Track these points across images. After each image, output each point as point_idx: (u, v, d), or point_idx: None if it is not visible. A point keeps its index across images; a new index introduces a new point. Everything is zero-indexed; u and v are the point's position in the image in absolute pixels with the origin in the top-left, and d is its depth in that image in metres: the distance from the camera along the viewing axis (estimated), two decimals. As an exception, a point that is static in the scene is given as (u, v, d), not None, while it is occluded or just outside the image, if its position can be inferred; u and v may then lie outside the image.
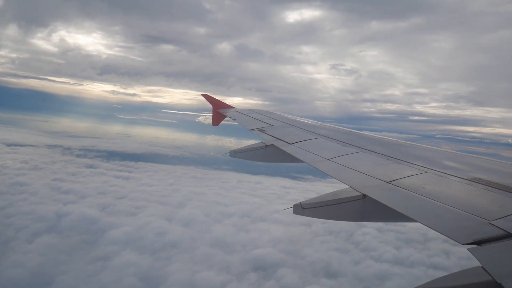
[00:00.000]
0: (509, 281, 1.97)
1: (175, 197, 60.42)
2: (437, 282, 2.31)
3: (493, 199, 3.13)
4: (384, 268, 40.83)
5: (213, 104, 11.37)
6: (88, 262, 33.24)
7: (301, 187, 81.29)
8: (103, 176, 72.60)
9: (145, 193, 60.96)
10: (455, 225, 2.76)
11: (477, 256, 2.27)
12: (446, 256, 47.06)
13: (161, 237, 41.25)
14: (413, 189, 3.52)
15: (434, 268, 42.39)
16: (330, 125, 7.86)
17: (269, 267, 37.18)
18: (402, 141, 6.07)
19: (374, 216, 3.76)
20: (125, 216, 47.42)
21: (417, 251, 47.62)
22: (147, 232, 42.05)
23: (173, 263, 34.96)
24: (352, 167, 4.51)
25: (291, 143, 6.09)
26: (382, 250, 46.47)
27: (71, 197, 53.24)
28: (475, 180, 3.64)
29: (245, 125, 8.36)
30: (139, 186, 66.61)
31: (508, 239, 2.40)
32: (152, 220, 46.10)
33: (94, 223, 43.11)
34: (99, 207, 49.74)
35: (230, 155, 6.53)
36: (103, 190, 60.36)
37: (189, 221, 48.21)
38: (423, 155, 5.10)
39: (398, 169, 4.26)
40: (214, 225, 48.16)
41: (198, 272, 33.32)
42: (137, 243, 38.75)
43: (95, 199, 53.80)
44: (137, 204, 54.02)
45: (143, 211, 50.39)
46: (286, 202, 73.05)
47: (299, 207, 3.84)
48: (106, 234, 40.55)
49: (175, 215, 50.33)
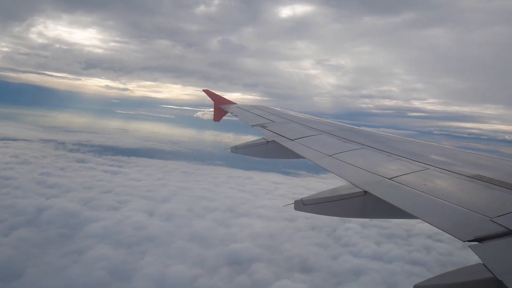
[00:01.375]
0: (510, 278, 1.96)
1: (161, 192, 60.54)
2: (437, 279, 2.31)
3: (495, 196, 3.13)
4: (361, 263, 40.89)
5: (215, 99, 11.40)
6: (60, 256, 33.46)
7: (291, 183, 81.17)
8: (92, 171, 72.74)
9: (131, 188, 61.06)
10: (456, 222, 2.76)
11: (478, 253, 2.26)
12: (427, 252, 47.11)
13: (139, 231, 41.42)
14: (414, 186, 3.54)
15: (412, 264, 42.50)
16: (331, 121, 7.93)
17: (244, 262, 37.31)
18: (403, 138, 6.09)
19: (375, 212, 3.76)
20: (107, 211, 47.58)
21: (398, 246, 47.66)
22: (126, 226, 42.22)
23: (147, 257, 35.15)
24: (353, 164, 4.53)
25: (292, 139, 6.14)
26: (362, 245, 46.55)
27: (55, 191, 53.42)
28: (477, 177, 3.63)
29: (246, 121, 8.43)
30: (126, 181, 66.76)
31: (509, 236, 2.39)
32: (132, 215, 46.26)
33: (74, 217, 43.30)
34: (82, 201, 49.91)
35: (231, 151, 6.57)
36: (89, 184, 60.52)
37: (170, 216, 48.35)
38: (424, 151, 5.09)
39: (399, 166, 4.28)
40: (195, 219, 48.27)
41: (170, 266, 33.51)
42: (113, 237, 38.92)
43: (79, 194, 53.99)
44: (121, 198, 54.19)
45: (125, 206, 50.56)
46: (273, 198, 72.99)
47: (300, 203, 3.83)
48: (84, 228, 40.75)
49: (158, 209, 50.47)
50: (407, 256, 44.59)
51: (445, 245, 51.03)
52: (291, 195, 70.95)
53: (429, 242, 50.99)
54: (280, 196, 69.31)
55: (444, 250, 48.47)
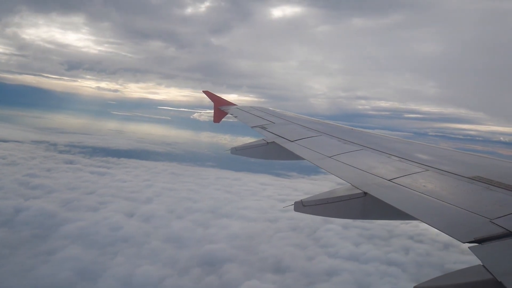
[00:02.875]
0: (510, 279, 1.96)
1: (145, 193, 60.64)
2: (437, 281, 2.30)
3: (494, 198, 3.14)
4: (336, 264, 40.85)
5: (214, 101, 11.38)
6: (30, 257, 33.55)
7: (279, 184, 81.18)
8: (78, 172, 72.81)
9: (115, 189, 61.15)
10: (456, 223, 2.77)
11: (478, 254, 2.26)
12: (405, 253, 47.04)
13: (115, 232, 41.47)
14: (414, 187, 3.55)
15: (388, 264, 42.44)
16: (331, 122, 7.97)
17: (217, 263, 37.33)
18: (403, 139, 6.12)
19: (375, 214, 3.78)
20: (86, 211, 47.64)
21: (376, 247, 47.61)
22: (102, 227, 42.28)
23: (118, 258, 35.21)
24: (353, 165, 4.54)
25: (292, 140, 6.14)
26: (340, 246, 46.49)
27: (37, 193, 53.53)
28: (476, 178, 3.64)
29: (246, 122, 8.44)
30: (112, 182, 66.86)
31: (509, 238, 2.39)
32: (111, 216, 46.30)
33: (50, 218, 43.37)
34: (62, 203, 49.97)
35: (231, 152, 6.60)
36: (73, 185, 60.59)
37: (150, 217, 48.42)
38: (424, 153, 5.10)
39: (399, 167, 4.29)
40: (174, 220, 48.31)
41: (139, 266, 33.57)
42: (88, 238, 39.00)
43: (61, 195, 54.05)
44: (103, 199, 54.23)
45: (106, 207, 50.61)
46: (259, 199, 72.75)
47: (300, 204, 3.83)
48: (59, 229, 40.82)
49: (138, 210, 50.52)
50: (384, 257, 44.54)
51: (424, 246, 50.99)
52: (277, 196, 71.03)
53: (409, 243, 50.97)
54: (266, 197, 69.36)
55: (423, 251, 48.44)
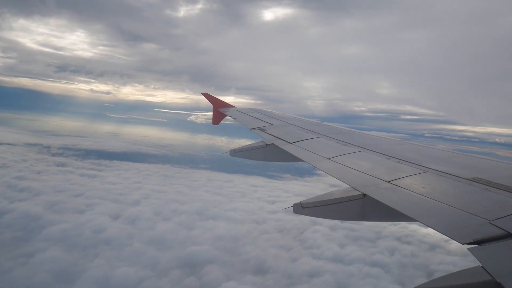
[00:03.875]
0: (509, 280, 1.97)
1: (133, 195, 60.59)
2: (437, 282, 2.29)
3: (494, 199, 3.15)
4: (319, 265, 40.84)
5: (214, 103, 11.43)
6: (8, 259, 33.53)
7: (271, 186, 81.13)
8: (69, 174, 72.79)
9: (104, 191, 61.10)
10: (455, 225, 2.78)
11: (477, 255, 2.27)
12: (390, 254, 47.04)
13: (98, 234, 41.44)
14: (413, 189, 3.56)
15: (371, 266, 42.44)
16: (330, 124, 8.01)
17: (198, 264, 37.32)
18: (402, 141, 6.14)
19: (374, 215, 3.78)
20: (71, 214, 47.64)
21: (361, 248, 47.58)
22: (85, 229, 42.26)
23: (98, 260, 35.18)
24: (352, 167, 4.55)
25: (291, 142, 6.14)
26: (325, 247, 46.44)
27: (24, 195, 53.49)
28: (476, 180, 3.65)
29: (245, 124, 8.43)
30: (101, 184, 66.82)
31: (508, 239, 2.41)
32: (96, 218, 46.28)
33: (34, 220, 43.34)
34: (48, 205, 49.95)
35: (230, 154, 6.59)
36: (61, 188, 60.56)
37: (135, 219, 48.38)
38: (423, 154, 5.10)
39: (398, 169, 4.30)
40: (159, 222, 48.30)
41: (118, 268, 33.54)
42: (69, 240, 38.99)
43: (48, 197, 54.00)
44: (90, 202, 54.21)
45: (92, 209, 50.59)
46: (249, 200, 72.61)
47: (299, 206, 3.82)
48: (42, 232, 40.81)
49: (124, 212, 50.53)
50: (369, 258, 44.52)
51: (411, 247, 51.00)
52: (266, 198, 71.07)
53: (396, 244, 50.95)
54: (255, 199, 69.36)
55: (408, 252, 48.45)
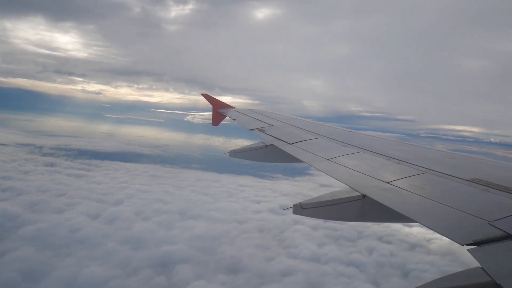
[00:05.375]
0: (509, 282, 1.97)
1: (117, 195, 60.64)
2: (436, 283, 2.29)
3: (493, 200, 3.15)
4: (294, 264, 40.78)
5: (213, 103, 11.46)
6: (-22, 258, 33.69)
7: (259, 186, 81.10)
8: (56, 174, 72.90)
9: (88, 191, 61.14)
10: (454, 226, 2.78)
11: (476, 256, 2.27)
12: (368, 253, 47.01)
13: (73, 233, 41.51)
14: (412, 190, 3.57)
15: (347, 265, 42.43)
16: (330, 124, 8.04)
17: (170, 264, 37.36)
18: (401, 142, 6.15)
19: (374, 216, 3.80)
20: (50, 213, 47.74)
21: (340, 248, 47.56)
22: (62, 229, 42.33)
23: (69, 259, 35.26)
24: (351, 167, 4.57)
25: (291, 143, 6.16)
26: (303, 247, 46.43)
27: (6, 195, 53.63)
28: (475, 180, 3.66)
29: (245, 125, 8.46)
30: (86, 184, 66.92)
31: (507, 240, 2.41)
32: (74, 217, 46.37)
33: (10, 220, 43.49)
34: (28, 205, 50.08)
35: (229, 155, 6.63)
36: (45, 188, 60.73)
37: (115, 219, 48.40)
38: (422, 155, 5.11)
39: (397, 170, 4.33)
40: (139, 222, 48.36)
41: (87, 267, 33.63)
42: (44, 240, 39.08)
43: (30, 197, 54.11)
44: (71, 201, 54.25)
45: (72, 209, 50.70)
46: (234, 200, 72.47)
47: (299, 207, 3.83)
48: (18, 231, 40.91)
49: (104, 212, 50.62)
50: (346, 257, 44.49)
51: (391, 246, 50.98)
52: (252, 197, 71.10)
53: (376, 244, 50.92)
54: (241, 198, 69.41)
55: (387, 251, 48.42)
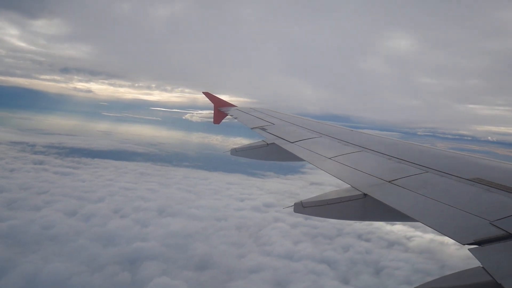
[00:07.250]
0: (510, 281, 1.97)
1: (99, 193, 60.77)
2: (437, 282, 2.31)
3: (495, 200, 3.15)
4: (265, 261, 40.72)
5: (215, 102, 11.52)
6: None
7: (247, 184, 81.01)
8: (42, 172, 73.10)
9: (71, 189, 61.30)
10: (456, 225, 2.79)
11: (477, 256, 2.27)
12: (344, 251, 46.84)
13: (45, 230, 41.66)
14: (414, 189, 3.58)
15: (319, 262, 42.31)
16: (331, 123, 8.05)
17: (138, 260, 37.41)
18: (403, 141, 6.16)
19: (375, 215, 3.82)
20: (27, 211, 47.92)
21: (316, 245, 47.44)
22: (34, 225, 42.47)
23: (34, 255, 35.38)
24: (353, 166, 4.59)
25: (292, 141, 6.19)
26: (278, 244, 46.33)
27: (-15, 192, 53.99)
28: (477, 180, 3.65)
29: (246, 123, 8.46)
30: (71, 182, 67.04)
31: (509, 240, 2.41)
32: (50, 214, 46.52)
33: (-16, 217, 43.75)
34: (6, 202, 50.33)
35: (231, 153, 6.69)
36: (28, 185, 60.92)
37: (91, 216, 48.48)
38: (424, 154, 5.11)
39: (399, 169, 4.33)
40: (115, 219, 48.46)
41: (49, 264, 33.74)
42: (14, 237, 39.27)
43: (10, 194, 54.37)
44: (51, 198, 54.41)
45: (50, 206, 50.88)
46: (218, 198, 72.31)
47: (300, 205, 3.86)
48: (-11, 228, 41.10)
49: (82, 209, 50.75)
50: (319, 255, 44.38)
51: (368, 244, 50.77)
52: (237, 195, 71.03)
53: (354, 241, 50.74)
54: (226, 196, 69.36)
55: (363, 249, 48.25)
